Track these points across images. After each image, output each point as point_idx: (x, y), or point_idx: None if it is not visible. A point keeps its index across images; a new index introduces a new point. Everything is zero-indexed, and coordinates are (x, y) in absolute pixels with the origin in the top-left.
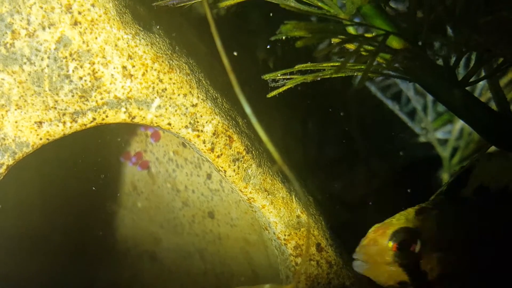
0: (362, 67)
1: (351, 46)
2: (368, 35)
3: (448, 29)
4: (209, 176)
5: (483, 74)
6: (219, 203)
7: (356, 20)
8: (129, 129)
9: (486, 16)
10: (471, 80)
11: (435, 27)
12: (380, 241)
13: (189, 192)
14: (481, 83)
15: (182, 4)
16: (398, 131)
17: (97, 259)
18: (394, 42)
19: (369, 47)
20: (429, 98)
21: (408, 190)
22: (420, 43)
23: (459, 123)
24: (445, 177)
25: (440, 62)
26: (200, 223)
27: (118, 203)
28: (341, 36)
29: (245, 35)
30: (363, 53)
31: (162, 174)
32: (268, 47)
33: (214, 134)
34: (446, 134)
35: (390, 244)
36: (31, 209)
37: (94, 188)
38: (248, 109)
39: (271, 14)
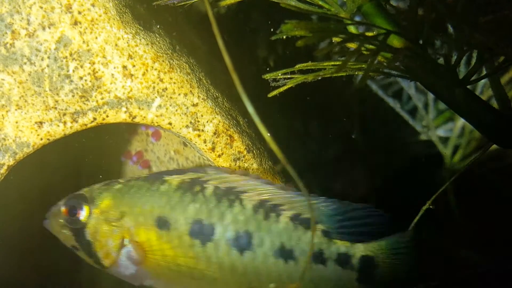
0: (363, 66)
1: (352, 45)
2: (369, 34)
3: (449, 27)
4: None
5: (484, 72)
6: None
7: (357, 19)
8: (129, 128)
9: (487, 15)
10: (472, 78)
11: (436, 26)
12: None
13: None
14: (482, 81)
15: (182, 3)
16: (399, 129)
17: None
18: (395, 41)
19: (370, 46)
20: (430, 96)
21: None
22: (421, 42)
23: (461, 121)
24: (446, 174)
25: (441, 61)
26: None
27: None
28: (342, 35)
29: (246, 34)
30: (364, 52)
31: None
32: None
33: (215, 133)
34: (447, 132)
35: (63, 208)
36: (31, 208)
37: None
38: (250, 108)
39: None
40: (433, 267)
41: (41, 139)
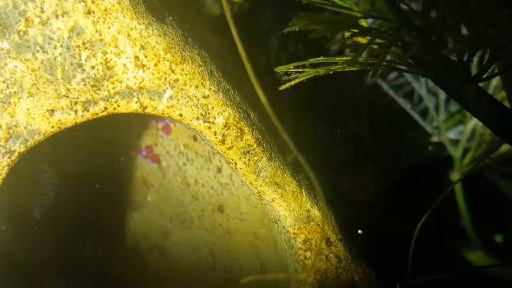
0: (375, 61)
1: (364, 41)
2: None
3: (463, 26)
4: (219, 170)
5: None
6: (229, 197)
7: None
8: (140, 122)
9: (501, 10)
10: (484, 76)
11: (449, 22)
12: None
13: (199, 186)
14: (494, 82)
15: None
16: (410, 130)
17: (108, 251)
18: (408, 37)
19: (381, 41)
20: (442, 97)
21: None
22: (433, 38)
23: (471, 124)
24: (456, 177)
25: (453, 57)
26: (209, 217)
27: (129, 196)
28: (354, 29)
29: (258, 32)
30: (375, 47)
31: (172, 168)
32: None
33: (225, 126)
34: (457, 134)
35: None
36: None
37: (104, 182)
38: (263, 98)
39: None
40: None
41: (52, 127)
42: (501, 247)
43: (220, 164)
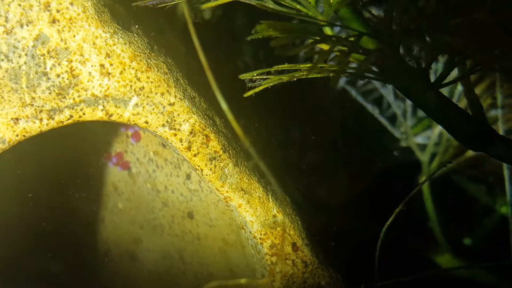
0: (337, 68)
1: (326, 47)
2: (343, 36)
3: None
4: (188, 177)
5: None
6: (198, 204)
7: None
8: (109, 129)
9: (457, 17)
10: (444, 82)
11: (411, 30)
12: None
13: (169, 193)
14: (459, 89)
15: (162, 5)
16: (380, 135)
17: (78, 259)
18: (370, 44)
19: (343, 48)
20: (409, 103)
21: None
22: (394, 45)
23: (438, 129)
24: (423, 180)
25: (412, 63)
26: (179, 223)
27: (99, 204)
28: (316, 37)
29: (229, 39)
30: (337, 53)
31: (142, 175)
32: (251, 49)
33: (191, 133)
34: (426, 139)
35: None
36: (9, 208)
37: (74, 189)
38: (224, 105)
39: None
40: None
41: (17, 135)
42: (470, 249)
43: (189, 170)
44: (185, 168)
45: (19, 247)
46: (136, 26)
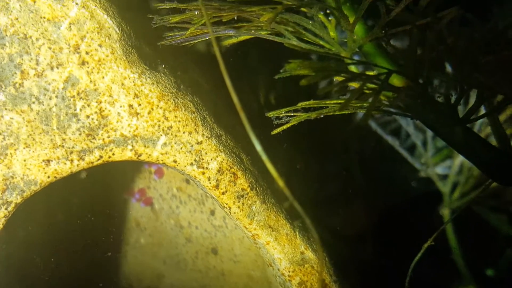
0: (365, 104)
1: (353, 84)
2: (369, 72)
3: (448, 66)
4: (212, 212)
5: (483, 111)
6: (223, 239)
7: (356, 58)
8: (132, 165)
9: (487, 55)
10: (472, 117)
11: (434, 64)
12: None
13: (193, 228)
14: (480, 120)
15: (186, 43)
16: (398, 166)
17: None
18: (396, 80)
19: (372, 85)
20: (429, 133)
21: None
22: (421, 81)
23: (459, 158)
24: (445, 212)
25: (440, 99)
26: (203, 259)
27: (122, 239)
28: (344, 75)
29: (246, 71)
30: (366, 91)
31: (165, 211)
32: (269, 81)
33: (219, 171)
34: (446, 169)
35: None
36: (37, 245)
37: (97, 225)
38: (258, 147)
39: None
40: None
41: (48, 177)
42: (493, 281)
43: (213, 206)
44: (209, 204)
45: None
46: (163, 66)
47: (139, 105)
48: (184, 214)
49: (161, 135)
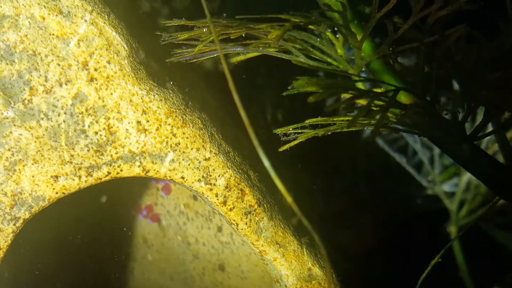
0: (372, 121)
1: (360, 101)
2: (376, 90)
3: (455, 84)
4: (219, 229)
5: (490, 127)
6: (230, 256)
7: (363, 75)
8: (140, 182)
9: (494, 72)
10: (479, 134)
11: (442, 82)
12: None
13: (200, 245)
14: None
15: (194, 60)
16: (405, 183)
17: None
18: (403, 97)
19: (379, 102)
20: (436, 151)
21: None
22: (428, 98)
23: (466, 176)
24: (452, 230)
25: (448, 116)
26: (210, 275)
27: (128, 255)
28: (352, 92)
29: (254, 88)
30: (373, 108)
31: (172, 227)
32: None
33: (226, 187)
34: (453, 186)
35: None
36: (45, 261)
37: (104, 241)
38: (266, 163)
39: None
40: None
41: (57, 193)
42: None
43: (220, 223)
44: (216, 220)
45: None
46: (171, 82)
47: (147, 121)
48: (191, 231)
49: (169, 151)
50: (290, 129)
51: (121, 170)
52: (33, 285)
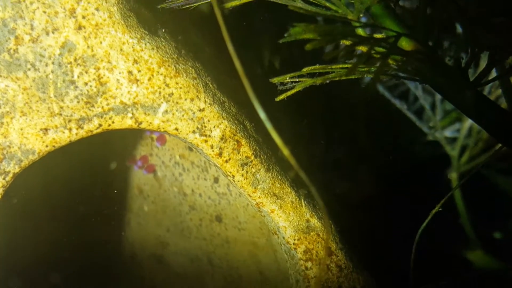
0: (372, 69)
1: (360, 48)
2: (377, 35)
3: (458, 28)
4: (216, 180)
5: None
6: (227, 207)
7: (363, 20)
8: (134, 132)
9: (498, 16)
10: (482, 80)
11: (444, 26)
12: None
13: (196, 196)
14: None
15: (187, 6)
16: (406, 130)
17: (104, 262)
18: (405, 43)
19: (380, 49)
20: (438, 96)
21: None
22: (430, 44)
23: (468, 121)
24: (454, 176)
25: (450, 62)
26: (207, 226)
27: (124, 207)
28: (351, 38)
29: (250, 35)
30: (374, 55)
31: (168, 178)
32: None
33: (222, 138)
34: (454, 132)
35: None
36: (37, 214)
37: (99, 192)
38: (262, 114)
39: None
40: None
41: (47, 146)
42: (501, 243)
43: (217, 174)
44: (212, 171)
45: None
46: (163, 30)
47: (139, 71)
48: (188, 182)
49: (162, 102)
50: (287, 78)
51: (113, 122)
52: (28, 232)
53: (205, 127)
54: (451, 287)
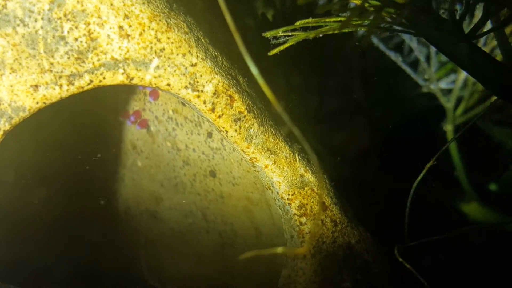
0: (366, 22)
1: (353, 1)
2: None
3: None
4: (209, 135)
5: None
6: (221, 162)
7: None
8: (126, 87)
9: None
10: (477, 33)
11: None
12: None
13: (190, 151)
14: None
15: None
16: (401, 82)
17: (97, 218)
18: None
19: (373, 1)
20: (433, 48)
21: None
22: None
23: (463, 73)
24: (449, 128)
25: (445, 14)
26: (201, 182)
27: (118, 162)
28: None
29: None
30: (368, 8)
31: (161, 133)
32: None
33: (214, 94)
34: (449, 84)
35: None
36: (29, 170)
37: (91, 148)
38: (254, 70)
39: None
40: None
41: (37, 102)
42: (496, 195)
43: (210, 129)
44: (206, 126)
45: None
46: None
47: (130, 26)
48: (181, 137)
49: (154, 57)
50: (280, 32)
51: (104, 78)
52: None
53: (197, 82)
54: (446, 240)
